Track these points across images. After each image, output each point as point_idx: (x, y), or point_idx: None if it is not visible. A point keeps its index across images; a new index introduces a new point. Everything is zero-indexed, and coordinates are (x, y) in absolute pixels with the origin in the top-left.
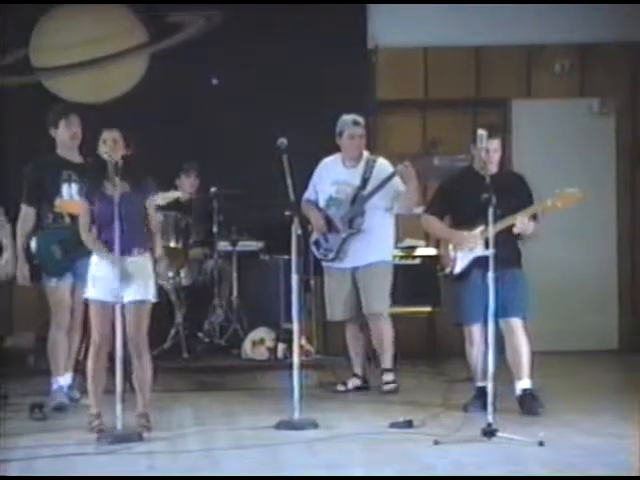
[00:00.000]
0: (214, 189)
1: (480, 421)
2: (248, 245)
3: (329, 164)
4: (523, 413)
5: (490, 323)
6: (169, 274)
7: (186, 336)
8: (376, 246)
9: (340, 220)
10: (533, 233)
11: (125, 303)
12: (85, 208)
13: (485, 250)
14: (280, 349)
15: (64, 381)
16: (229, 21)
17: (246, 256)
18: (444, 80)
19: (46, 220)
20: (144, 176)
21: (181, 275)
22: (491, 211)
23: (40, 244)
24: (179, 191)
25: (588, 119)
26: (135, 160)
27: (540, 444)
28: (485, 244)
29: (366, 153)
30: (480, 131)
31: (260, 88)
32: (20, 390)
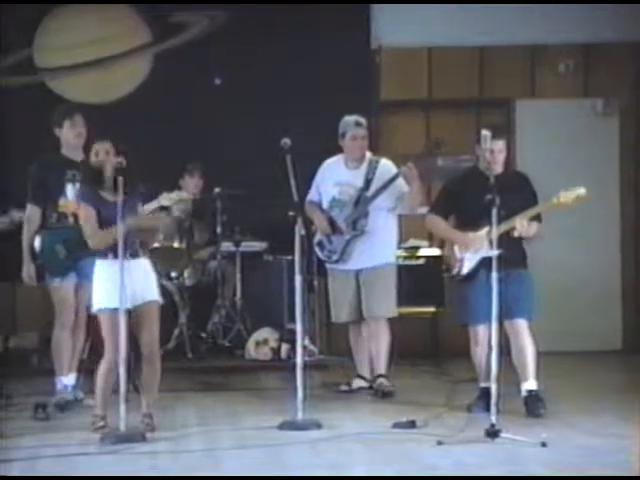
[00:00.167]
0: (218, 189)
1: (483, 422)
2: (251, 245)
3: (332, 165)
4: (527, 414)
5: (493, 324)
6: (172, 273)
7: (190, 336)
8: (380, 248)
9: (344, 221)
10: (536, 234)
11: (136, 306)
12: (90, 213)
13: (491, 251)
14: (283, 349)
15: (68, 381)
16: (233, 21)
17: (249, 256)
18: (448, 80)
19: (50, 220)
20: (137, 182)
21: (185, 275)
22: (495, 212)
23: (44, 244)
24: (183, 192)
25: (592, 119)
26: (129, 165)
27: (543, 445)
28: (491, 244)
29: (369, 154)
30: (484, 132)
31: (263, 88)
32: (23, 390)
